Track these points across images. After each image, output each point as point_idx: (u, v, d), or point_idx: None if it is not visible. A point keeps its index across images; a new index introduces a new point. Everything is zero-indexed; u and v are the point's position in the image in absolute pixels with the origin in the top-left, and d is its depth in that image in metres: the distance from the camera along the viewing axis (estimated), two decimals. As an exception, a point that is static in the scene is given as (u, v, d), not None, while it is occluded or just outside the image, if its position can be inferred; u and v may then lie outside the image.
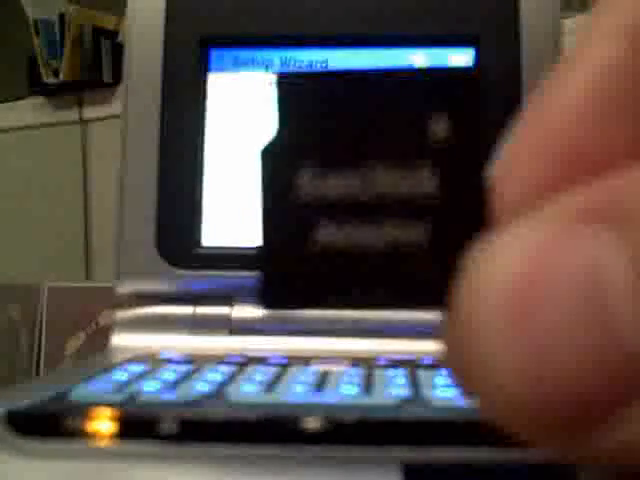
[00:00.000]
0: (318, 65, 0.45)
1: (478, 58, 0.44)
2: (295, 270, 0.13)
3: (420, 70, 0.13)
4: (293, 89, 0.13)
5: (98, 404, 0.26)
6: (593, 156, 0.11)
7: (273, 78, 0.13)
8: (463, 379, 0.11)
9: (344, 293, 0.13)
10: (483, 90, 0.13)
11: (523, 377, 0.10)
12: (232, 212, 0.44)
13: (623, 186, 0.10)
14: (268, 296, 0.13)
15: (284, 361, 0.36)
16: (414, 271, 0.13)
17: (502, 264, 0.10)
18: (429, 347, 0.40)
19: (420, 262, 0.13)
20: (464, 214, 0.13)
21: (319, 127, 0.13)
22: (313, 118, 0.13)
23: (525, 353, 0.10)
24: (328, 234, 0.13)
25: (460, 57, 0.44)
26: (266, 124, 0.45)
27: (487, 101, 0.13)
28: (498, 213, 0.12)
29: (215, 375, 0.31)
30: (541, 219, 0.10)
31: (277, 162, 0.13)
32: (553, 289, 0.10)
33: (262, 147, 0.13)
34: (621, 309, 0.09)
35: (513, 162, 0.12)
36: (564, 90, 0.12)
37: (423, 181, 0.13)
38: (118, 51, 1.48)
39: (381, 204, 0.13)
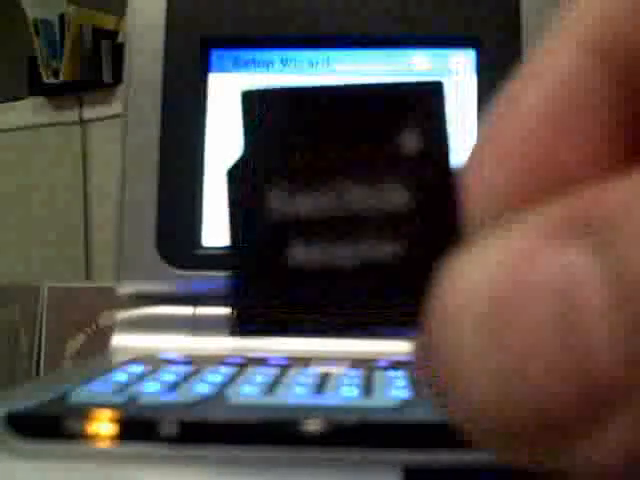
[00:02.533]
0: (319, 65, 0.45)
1: (479, 59, 0.44)
2: (267, 292, 0.13)
3: (387, 85, 0.13)
4: (260, 104, 0.13)
5: (98, 406, 0.26)
6: (560, 163, 0.11)
7: (239, 93, 0.13)
8: (436, 394, 0.11)
9: (318, 314, 0.13)
10: (485, 91, 0.13)
11: (496, 390, 0.10)
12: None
13: (600, 200, 0.10)
14: (240, 323, 0.13)
15: (284, 362, 0.36)
16: (389, 288, 0.12)
17: (476, 279, 0.10)
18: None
19: (395, 279, 0.12)
20: (437, 228, 0.12)
21: (287, 143, 0.13)
22: (281, 134, 0.13)
23: (499, 367, 0.10)
24: (300, 253, 0.12)
25: (461, 58, 0.44)
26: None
27: (487, 102, 0.13)
28: (471, 225, 0.12)
29: (215, 376, 0.31)
30: (516, 231, 0.10)
31: (245, 180, 0.13)
32: (528, 305, 0.10)
33: (229, 166, 0.13)
34: (596, 327, 0.09)
35: (481, 172, 0.12)
36: (526, 98, 0.12)
37: (395, 197, 0.12)
38: (118, 51, 1.48)
39: (353, 221, 0.12)
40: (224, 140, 0.45)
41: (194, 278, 0.43)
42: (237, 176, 0.13)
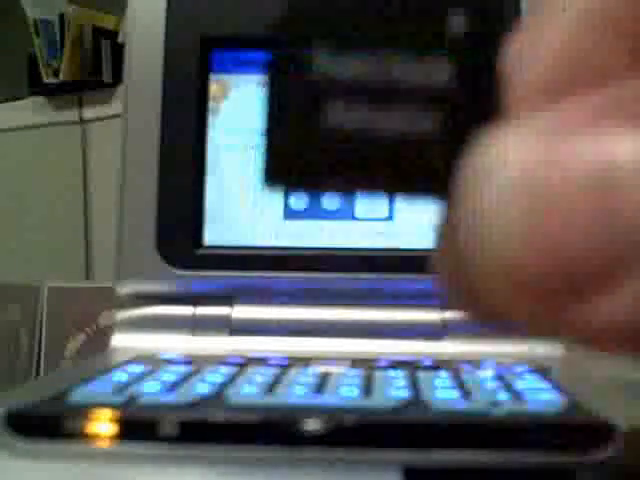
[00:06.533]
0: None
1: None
2: (301, 150, 0.12)
3: None
4: None
5: (98, 405, 0.26)
6: (603, 61, 0.12)
7: None
8: (462, 257, 0.11)
9: (349, 177, 0.12)
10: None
11: (529, 241, 0.11)
12: (232, 212, 0.44)
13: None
14: (271, 173, 0.12)
15: (284, 362, 0.36)
16: (424, 159, 0.12)
17: (519, 147, 0.11)
18: (429, 348, 0.40)
19: (431, 151, 0.12)
20: (477, 105, 0.12)
21: (334, 6, 0.12)
22: None
23: (534, 223, 0.11)
24: (337, 115, 0.12)
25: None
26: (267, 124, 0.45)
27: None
28: (512, 106, 0.12)
29: (215, 376, 0.31)
30: (559, 109, 0.11)
31: (288, 36, 0.12)
32: (567, 175, 0.10)
33: (274, 22, 0.12)
34: (630, 204, 0.10)
35: (526, 56, 0.12)
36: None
37: (438, 70, 0.12)
38: (118, 51, 1.48)
39: (394, 90, 0.12)
40: (224, 140, 0.45)
41: (194, 278, 0.43)
42: (281, 31, 0.13)
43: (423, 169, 0.12)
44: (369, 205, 0.43)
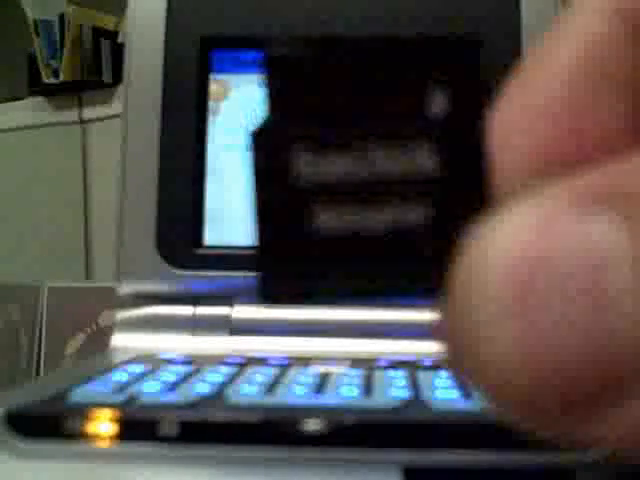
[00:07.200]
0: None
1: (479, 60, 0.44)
2: (295, 260, 0.12)
3: (418, 41, 0.12)
4: (285, 66, 0.12)
5: (98, 405, 0.26)
6: (587, 130, 0.11)
7: (264, 56, 0.12)
8: (458, 361, 0.11)
9: (346, 281, 0.12)
10: (484, 87, 0.12)
11: (521, 359, 0.10)
12: (232, 212, 0.44)
13: (626, 170, 0.10)
14: (268, 291, 0.12)
15: (284, 362, 0.36)
16: (416, 253, 0.12)
17: (502, 245, 0.10)
18: (429, 348, 0.40)
19: (422, 243, 0.12)
20: (464, 192, 0.12)
21: (314, 107, 0.12)
22: (307, 97, 0.12)
23: (523, 335, 0.10)
24: (328, 220, 0.12)
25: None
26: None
27: (488, 103, 0.13)
28: (498, 189, 0.12)
29: (215, 376, 0.31)
30: (542, 199, 0.10)
31: (270, 144, 0.12)
32: (553, 272, 0.10)
33: (253, 128, 0.12)
34: (621, 298, 0.09)
35: (509, 136, 0.12)
36: (555, 60, 0.12)
37: (422, 159, 0.12)
38: (118, 51, 1.48)
39: (380, 185, 0.12)
40: (224, 140, 0.45)
41: (194, 278, 0.43)
42: (261, 142, 0.12)
43: (419, 264, 0.12)
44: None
